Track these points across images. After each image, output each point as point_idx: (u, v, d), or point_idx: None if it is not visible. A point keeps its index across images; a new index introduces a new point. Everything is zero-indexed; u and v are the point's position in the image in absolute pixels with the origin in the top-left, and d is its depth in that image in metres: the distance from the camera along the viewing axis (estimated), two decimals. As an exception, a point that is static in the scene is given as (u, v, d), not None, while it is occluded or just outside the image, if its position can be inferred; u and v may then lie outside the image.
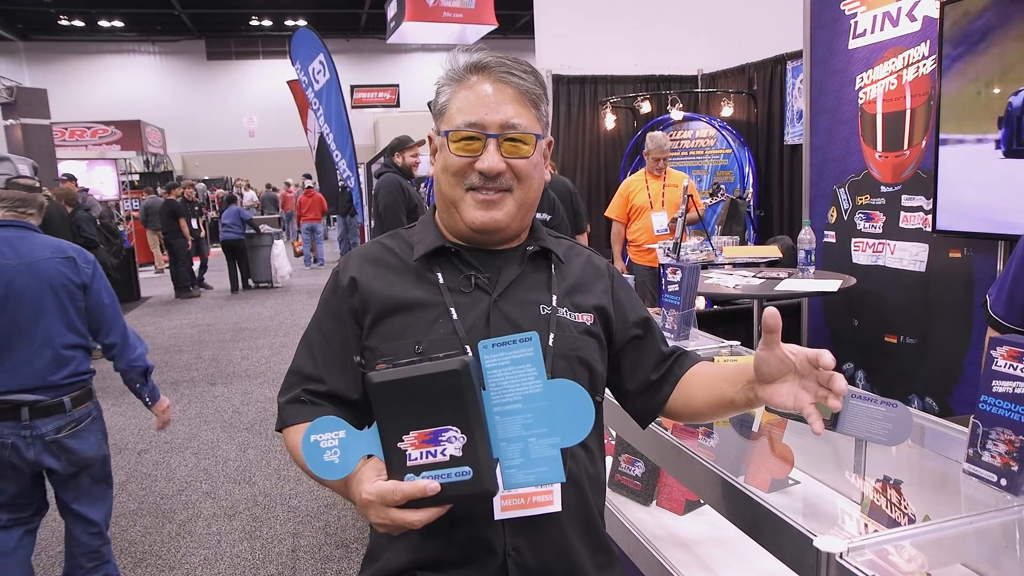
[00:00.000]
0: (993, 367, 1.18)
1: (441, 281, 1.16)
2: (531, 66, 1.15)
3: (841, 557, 0.95)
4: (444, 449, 0.89)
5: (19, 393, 2.26)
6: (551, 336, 1.15)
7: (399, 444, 0.90)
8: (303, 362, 1.19)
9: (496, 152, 1.10)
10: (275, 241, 11.55)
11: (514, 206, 1.14)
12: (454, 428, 0.89)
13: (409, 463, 0.90)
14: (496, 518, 1.06)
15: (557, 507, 1.06)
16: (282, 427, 1.18)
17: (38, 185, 4.60)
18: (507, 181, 1.12)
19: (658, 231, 4.98)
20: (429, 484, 0.88)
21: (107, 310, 2.45)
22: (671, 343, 1.31)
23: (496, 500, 1.05)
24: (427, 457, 0.89)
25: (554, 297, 1.18)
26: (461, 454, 0.88)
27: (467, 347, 1.11)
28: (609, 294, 1.26)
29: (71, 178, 9.01)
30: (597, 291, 1.24)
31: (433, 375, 0.89)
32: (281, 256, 11.54)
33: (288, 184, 18.56)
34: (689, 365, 1.25)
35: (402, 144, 4.80)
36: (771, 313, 0.98)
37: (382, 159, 4.96)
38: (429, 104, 1.22)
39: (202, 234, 11.35)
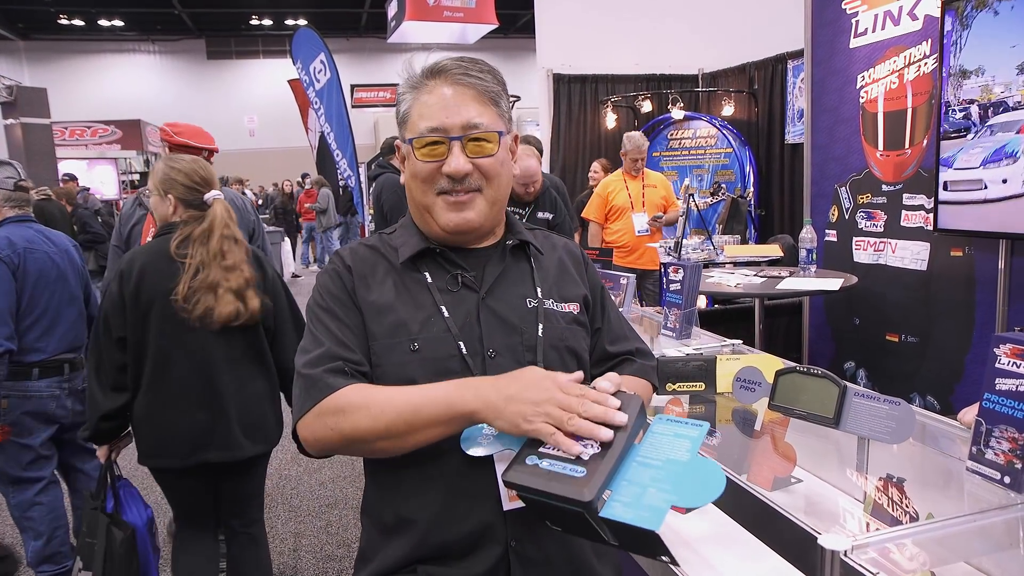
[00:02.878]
0: (997, 365, 1.18)
1: (429, 280, 1.17)
2: (488, 64, 1.17)
3: (846, 555, 0.95)
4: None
5: (64, 353, 2.78)
6: (540, 328, 1.17)
7: None
8: (333, 348, 1.11)
9: (461, 154, 1.11)
10: (284, 238, 11.63)
11: (485, 205, 1.16)
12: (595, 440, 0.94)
13: (541, 448, 0.95)
14: (505, 508, 1.07)
15: None
16: (326, 394, 1.06)
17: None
18: (475, 181, 1.13)
19: (639, 232, 4.98)
20: (602, 431, 0.93)
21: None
22: (674, 342, 1.32)
23: (504, 492, 1.07)
24: (558, 449, 0.94)
25: (538, 289, 1.20)
26: (587, 459, 0.92)
27: (460, 343, 1.13)
28: (587, 281, 1.30)
29: (72, 178, 9.10)
30: (579, 279, 1.28)
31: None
32: (289, 253, 11.64)
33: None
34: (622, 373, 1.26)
35: None
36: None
37: (379, 159, 4.96)
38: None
39: None
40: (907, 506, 1.29)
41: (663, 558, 0.92)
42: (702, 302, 4.64)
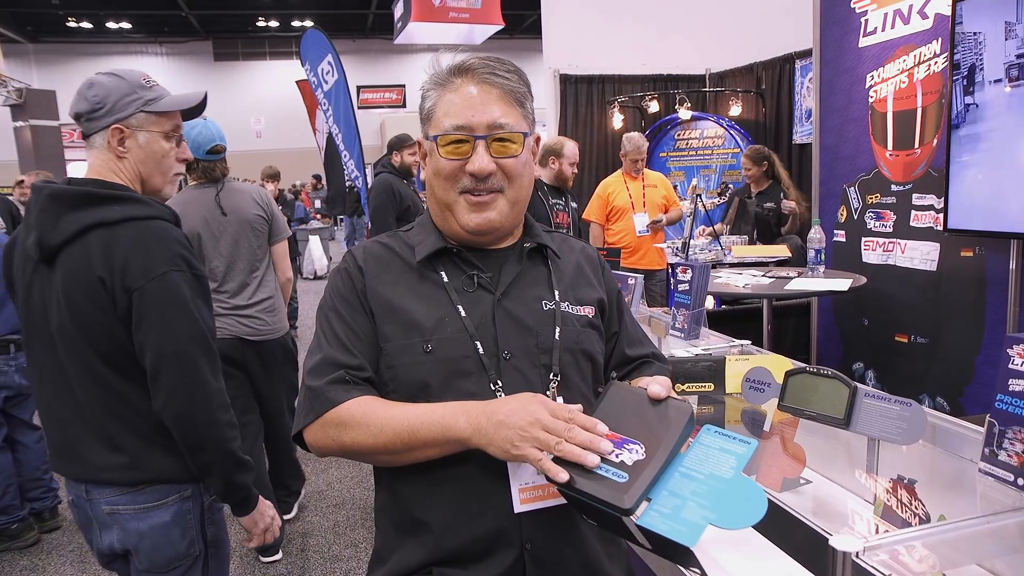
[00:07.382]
0: (1010, 366, 1.17)
1: (446, 280, 1.17)
2: (514, 65, 1.17)
3: (858, 556, 0.95)
4: (620, 454, 0.94)
5: (10, 334, 3.17)
6: (557, 331, 1.16)
7: None
8: (335, 353, 1.12)
9: (485, 153, 1.11)
10: (309, 237, 11.72)
11: (507, 206, 1.16)
12: (642, 444, 0.95)
13: None
14: (516, 511, 1.07)
15: None
16: (328, 408, 1.08)
17: None
18: (498, 181, 1.14)
19: (640, 232, 4.97)
20: (589, 457, 0.92)
21: None
22: (682, 342, 1.32)
23: (515, 493, 1.06)
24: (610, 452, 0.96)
25: (556, 292, 1.20)
26: (631, 464, 0.93)
27: (477, 343, 1.12)
28: (603, 285, 1.30)
29: None
30: (595, 283, 1.28)
31: (664, 401, 1.01)
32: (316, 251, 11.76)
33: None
34: (643, 375, 1.27)
35: (401, 143, 4.64)
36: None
37: (383, 159, 4.92)
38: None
39: None
40: (918, 508, 1.28)
41: (694, 570, 0.93)
42: (710, 303, 4.62)
